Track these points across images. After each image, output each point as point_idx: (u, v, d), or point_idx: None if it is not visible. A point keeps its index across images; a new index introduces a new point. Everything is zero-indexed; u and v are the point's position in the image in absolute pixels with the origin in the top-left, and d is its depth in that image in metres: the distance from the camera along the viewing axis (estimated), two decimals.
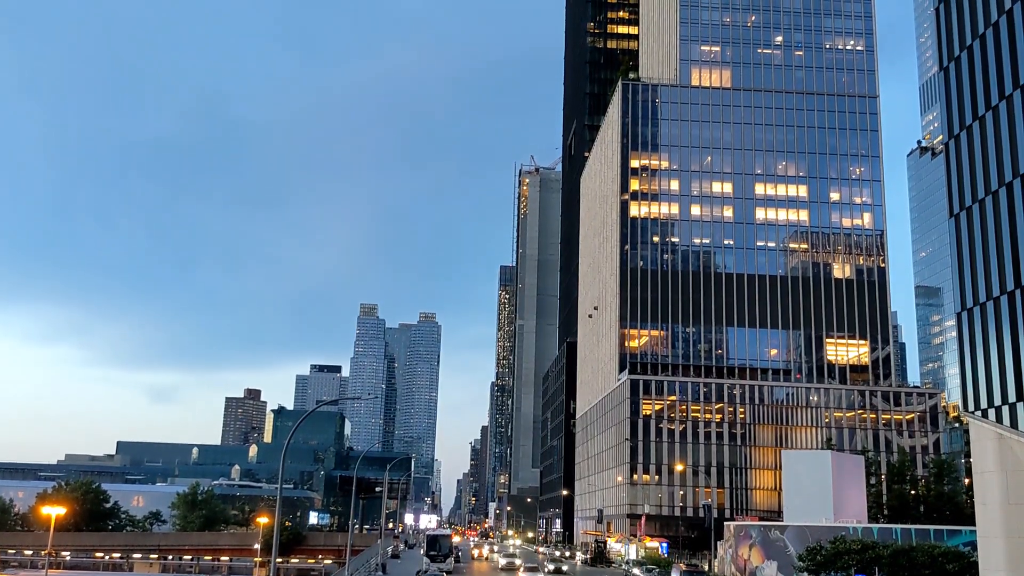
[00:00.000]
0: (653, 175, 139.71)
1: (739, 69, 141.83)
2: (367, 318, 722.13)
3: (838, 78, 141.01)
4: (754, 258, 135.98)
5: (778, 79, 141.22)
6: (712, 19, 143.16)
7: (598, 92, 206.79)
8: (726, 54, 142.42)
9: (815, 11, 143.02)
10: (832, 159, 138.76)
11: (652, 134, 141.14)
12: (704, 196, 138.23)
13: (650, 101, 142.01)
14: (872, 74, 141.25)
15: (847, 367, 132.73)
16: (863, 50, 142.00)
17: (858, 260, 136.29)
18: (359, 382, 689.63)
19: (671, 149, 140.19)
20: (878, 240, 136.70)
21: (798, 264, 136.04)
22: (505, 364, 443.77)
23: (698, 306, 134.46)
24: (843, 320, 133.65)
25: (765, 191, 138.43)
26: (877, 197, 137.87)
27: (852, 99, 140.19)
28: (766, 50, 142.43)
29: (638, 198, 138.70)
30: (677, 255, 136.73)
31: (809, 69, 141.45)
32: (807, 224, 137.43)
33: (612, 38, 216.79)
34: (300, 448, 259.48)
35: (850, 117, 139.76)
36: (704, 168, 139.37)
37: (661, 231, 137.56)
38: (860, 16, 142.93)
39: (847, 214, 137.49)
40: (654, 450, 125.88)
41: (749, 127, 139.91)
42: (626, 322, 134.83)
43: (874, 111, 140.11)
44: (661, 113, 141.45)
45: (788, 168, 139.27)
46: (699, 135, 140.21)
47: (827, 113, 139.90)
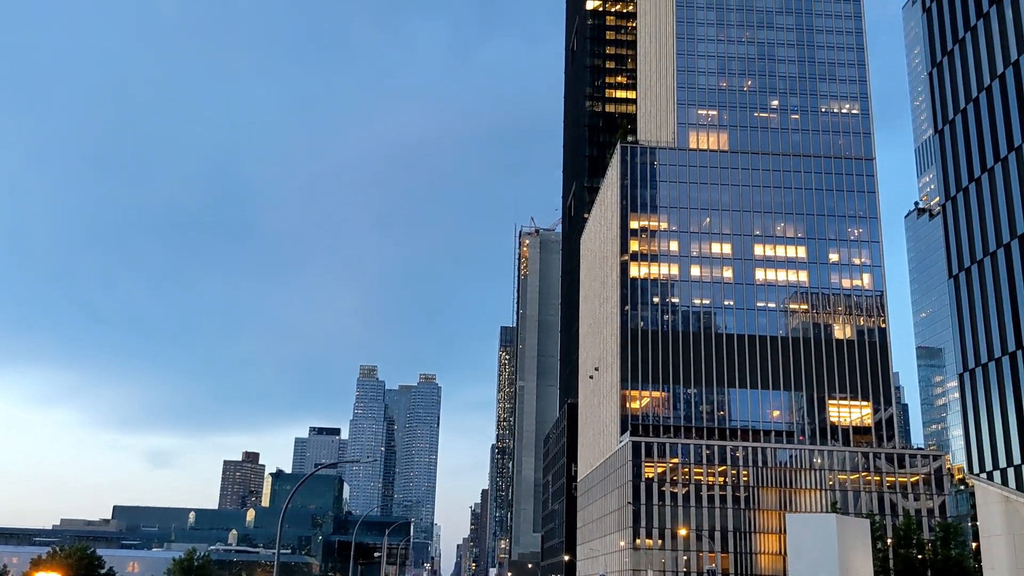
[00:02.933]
0: (653, 236, 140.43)
1: (736, 132, 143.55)
2: (367, 379, 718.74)
3: (834, 141, 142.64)
4: (755, 319, 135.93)
5: (775, 142, 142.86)
6: (708, 84, 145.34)
7: (597, 155, 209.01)
8: (723, 118, 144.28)
9: (810, 76, 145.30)
10: (830, 220, 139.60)
11: (651, 196, 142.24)
12: (704, 257, 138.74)
13: (648, 163, 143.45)
14: (868, 137, 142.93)
15: (850, 429, 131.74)
16: (858, 114, 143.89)
17: (859, 321, 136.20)
18: (358, 445, 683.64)
19: (670, 210, 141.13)
20: (878, 301, 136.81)
21: (799, 325, 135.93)
22: (506, 426, 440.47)
23: (699, 367, 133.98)
24: (845, 381, 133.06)
25: (764, 252, 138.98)
26: (876, 258, 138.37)
27: (849, 161, 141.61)
28: (762, 114, 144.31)
29: (638, 259, 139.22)
30: (678, 316, 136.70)
31: (805, 132, 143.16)
32: (807, 285, 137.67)
33: (610, 102, 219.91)
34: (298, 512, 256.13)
35: (847, 179, 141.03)
36: (703, 229, 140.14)
37: (661, 292, 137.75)
38: (855, 80, 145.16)
39: (847, 275, 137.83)
40: (657, 514, 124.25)
41: (747, 189, 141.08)
42: (627, 383, 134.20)
43: (871, 173, 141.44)
44: (660, 175, 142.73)
45: (787, 229, 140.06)
46: (698, 197, 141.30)
47: (824, 175, 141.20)
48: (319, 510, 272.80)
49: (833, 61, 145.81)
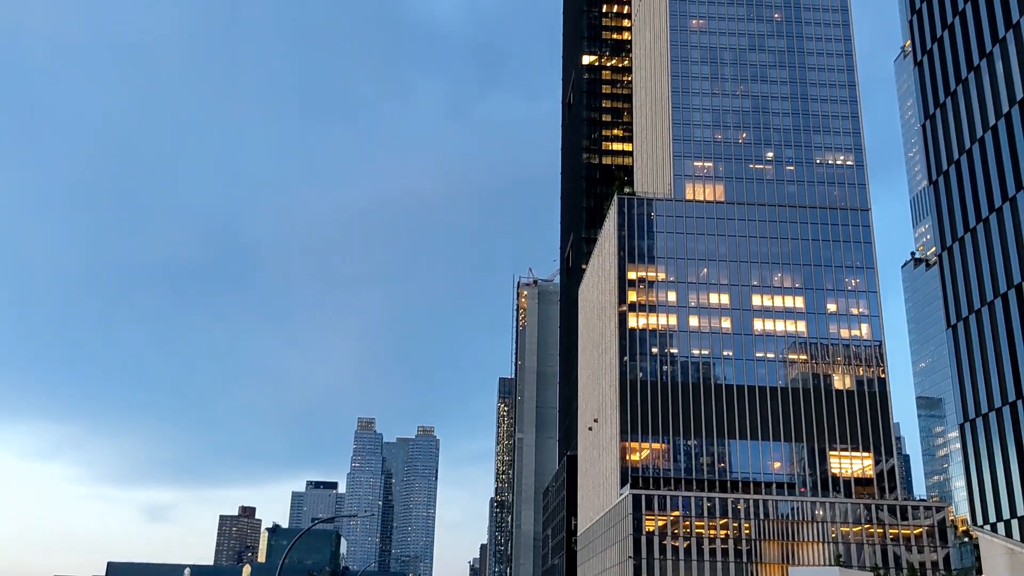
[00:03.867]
0: (650, 287, 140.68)
1: (732, 183, 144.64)
2: (364, 432, 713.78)
3: (830, 192, 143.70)
4: (754, 369, 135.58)
5: (770, 193, 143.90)
6: (704, 136, 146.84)
7: (594, 206, 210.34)
8: (719, 169, 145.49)
9: (804, 128, 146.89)
10: (828, 271, 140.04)
11: (648, 246, 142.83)
12: (702, 307, 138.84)
13: (645, 214, 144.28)
14: (863, 188, 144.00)
15: (851, 480, 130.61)
16: (853, 165, 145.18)
17: (858, 371, 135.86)
18: (355, 499, 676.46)
19: (668, 261, 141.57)
20: (877, 351, 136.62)
21: (798, 375, 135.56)
22: (504, 479, 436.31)
23: (699, 418, 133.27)
24: (845, 432, 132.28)
25: (762, 302, 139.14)
26: (874, 308, 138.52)
27: (845, 212, 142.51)
28: (758, 165, 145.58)
29: (636, 309, 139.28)
30: (677, 366, 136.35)
31: (801, 183, 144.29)
32: (805, 335, 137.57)
33: (607, 154, 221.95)
34: (295, 568, 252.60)
35: (843, 230, 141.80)
36: (701, 280, 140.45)
37: (660, 342, 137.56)
38: (849, 132, 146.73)
39: (845, 325, 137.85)
40: (658, 568, 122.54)
41: (744, 239, 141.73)
42: (627, 435, 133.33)
43: (866, 224, 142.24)
44: (657, 226, 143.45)
45: (784, 280, 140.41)
46: (695, 247, 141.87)
47: (820, 226, 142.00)
48: (316, 565, 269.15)
49: (827, 113, 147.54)
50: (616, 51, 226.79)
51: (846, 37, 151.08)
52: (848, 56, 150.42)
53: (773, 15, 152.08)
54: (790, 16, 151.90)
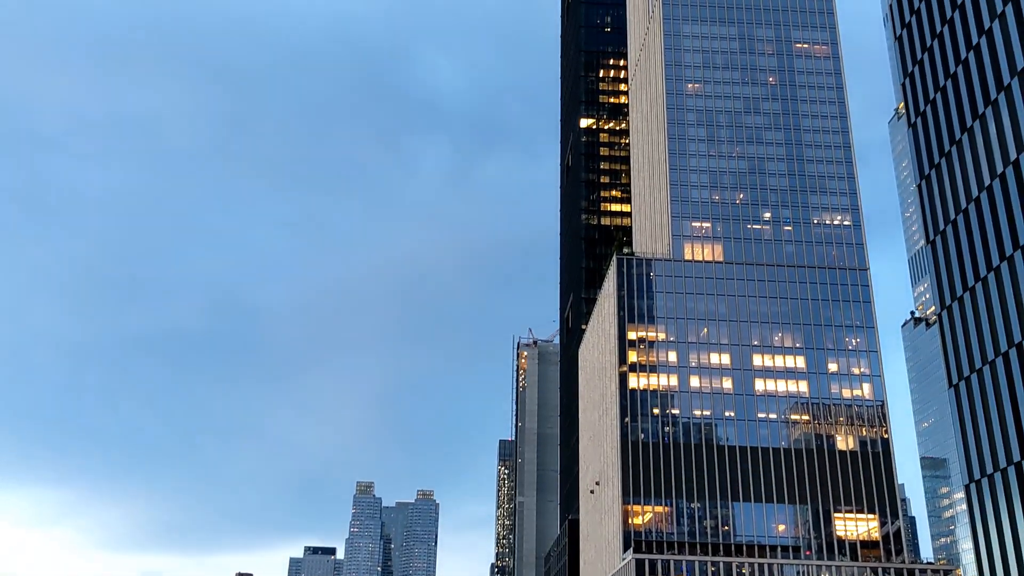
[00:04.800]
0: (651, 347, 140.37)
1: (730, 243, 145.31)
2: (363, 496, 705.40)
3: (828, 252, 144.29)
4: (756, 430, 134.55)
5: (769, 253, 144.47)
6: (701, 197, 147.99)
7: (593, 267, 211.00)
8: (717, 229, 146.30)
9: (801, 189, 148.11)
10: (828, 330, 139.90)
11: (648, 306, 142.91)
12: (703, 368, 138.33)
13: (645, 275, 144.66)
14: (861, 247, 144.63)
15: (857, 543, 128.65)
16: (851, 225, 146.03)
17: (861, 432, 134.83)
18: (354, 565, 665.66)
19: (667, 321, 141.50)
20: (879, 411, 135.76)
21: (801, 436, 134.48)
22: (505, 544, 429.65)
23: (702, 480, 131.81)
24: (850, 494, 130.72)
25: (763, 362, 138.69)
26: (875, 368, 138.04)
27: (843, 272, 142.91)
28: (755, 225, 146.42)
29: (636, 370, 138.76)
30: (678, 427, 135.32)
31: (799, 243, 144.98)
32: (807, 395, 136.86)
33: (606, 215, 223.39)
34: None
35: (842, 289, 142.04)
36: (701, 339, 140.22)
37: (661, 403, 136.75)
38: (845, 193, 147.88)
39: (846, 385, 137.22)
40: None
41: (744, 299, 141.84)
42: (628, 498, 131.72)
43: (865, 283, 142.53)
44: (656, 286, 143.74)
45: (785, 339, 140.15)
46: (695, 307, 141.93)
47: (820, 285, 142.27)
48: None
49: (823, 174, 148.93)
50: (613, 114, 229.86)
51: (840, 100, 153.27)
52: (842, 118, 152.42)
53: (767, 79, 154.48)
54: (784, 80, 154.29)
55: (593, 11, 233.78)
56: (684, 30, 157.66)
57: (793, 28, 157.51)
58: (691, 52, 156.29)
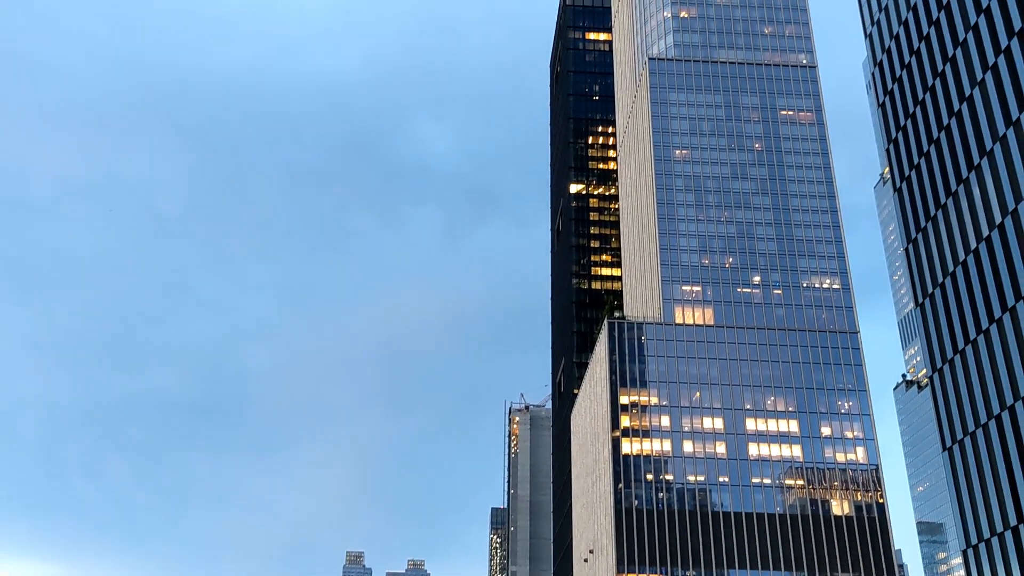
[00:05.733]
0: (643, 411, 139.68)
1: (721, 307, 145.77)
2: (353, 566, 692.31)
3: (818, 315, 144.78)
4: (751, 495, 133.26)
5: (759, 317, 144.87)
6: (691, 261, 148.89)
7: (585, 331, 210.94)
8: (707, 293, 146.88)
9: (789, 252, 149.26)
10: (820, 394, 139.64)
11: (640, 371, 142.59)
12: (696, 432, 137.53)
13: (636, 338, 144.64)
14: (851, 311, 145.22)
15: None
16: (840, 288, 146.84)
17: (856, 496, 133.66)
18: None
19: (660, 385, 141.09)
20: (874, 475, 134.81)
21: (795, 501, 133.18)
22: None
23: (697, 547, 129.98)
24: (846, 560, 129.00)
25: (756, 426, 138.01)
26: (868, 432, 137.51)
27: (834, 335, 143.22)
28: (745, 289, 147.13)
29: (629, 435, 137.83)
30: (672, 493, 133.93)
31: (789, 307, 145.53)
32: (801, 460, 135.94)
33: (596, 279, 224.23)
34: None
35: (833, 352, 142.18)
36: (694, 404, 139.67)
37: (655, 469, 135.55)
38: (833, 257, 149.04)
39: (840, 449, 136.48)
40: None
41: (735, 363, 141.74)
42: (623, 566, 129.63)
43: (856, 346, 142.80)
44: (647, 350, 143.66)
45: (777, 403, 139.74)
46: (686, 371, 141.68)
47: (811, 349, 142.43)
48: None
49: (811, 238, 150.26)
50: (603, 180, 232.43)
51: (825, 165, 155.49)
52: (828, 183, 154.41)
53: (754, 145, 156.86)
54: (770, 146, 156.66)
55: (581, 79, 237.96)
56: (671, 98, 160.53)
57: (778, 96, 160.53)
58: (678, 119, 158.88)
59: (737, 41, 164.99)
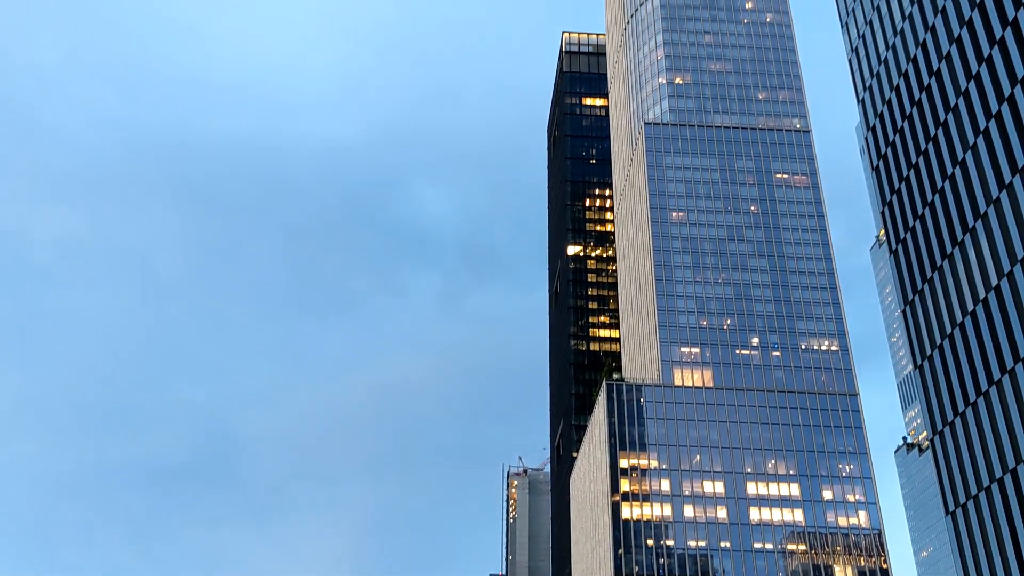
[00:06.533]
0: (643, 475, 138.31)
1: (720, 369, 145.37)
2: None
3: (817, 377, 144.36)
4: (752, 561, 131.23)
5: (758, 379, 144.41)
6: (689, 322, 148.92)
7: (583, 393, 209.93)
8: (705, 355, 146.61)
9: (787, 314, 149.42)
10: (821, 457, 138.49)
11: (639, 433, 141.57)
12: (696, 496, 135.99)
13: (635, 400, 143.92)
14: (850, 372, 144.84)
15: None
16: (838, 350, 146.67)
17: (859, 561, 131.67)
18: None
19: (659, 448, 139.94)
20: (876, 540, 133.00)
21: (798, 567, 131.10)
22: None
23: None
24: None
25: (757, 490, 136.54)
26: (870, 495, 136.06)
27: (833, 397, 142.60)
28: (744, 351, 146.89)
29: (629, 499, 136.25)
30: (673, 559, 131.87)
31: (788, 369, 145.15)
32: (803, 524, 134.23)
33: (595, 341, 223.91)
34: None
35: (833, 415, 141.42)
36: (694, 467, 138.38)
37: (655, 534, 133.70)
38: (831, 319, 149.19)
39: (842, 513, 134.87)
40: None
41: (735, 425, 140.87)
42: None
43: (856, 408, 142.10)
44: (647, 412, 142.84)
45: (778, 467, 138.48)
46: (686, 434, 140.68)
47: (810, 411, 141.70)
48: None
49: (808, 300, 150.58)
50: (600, 242, 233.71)
51: (821, 228, 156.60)
52: (825, 245, 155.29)
53: (750, 208, 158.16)
54: (766, 209, 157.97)
55: (578, 143, 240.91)
56: (666, 161, 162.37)
57: (773, 159, 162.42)
58: (674, 182, 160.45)
59: (731, 106, 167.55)
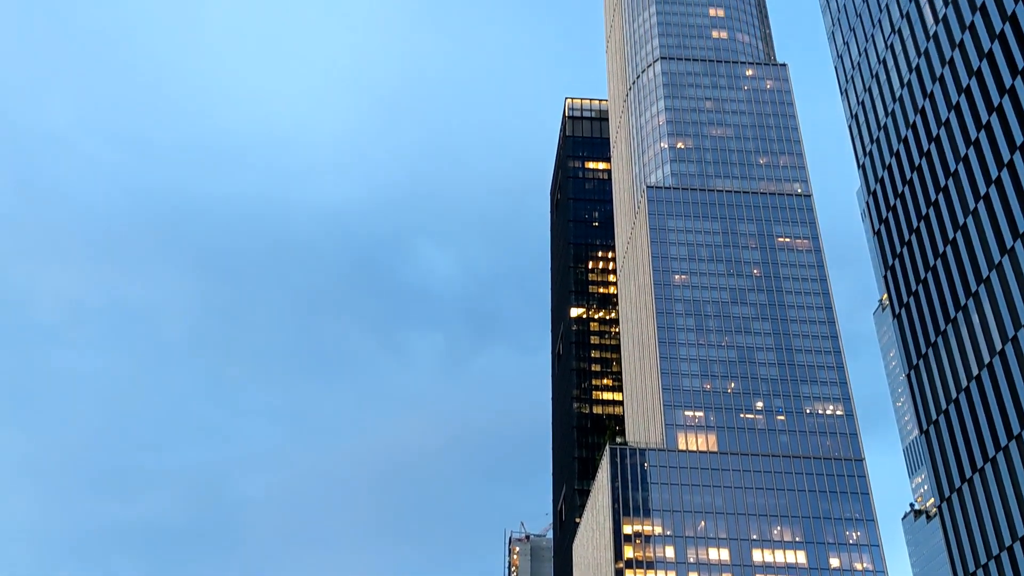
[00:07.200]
0: (647, 541, 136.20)
1: (724, 433, 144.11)
2: None
3: (822, 442, 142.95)
4: None
5: (763, 443, 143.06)
6: (693, 386, 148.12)
7: (586, 456, 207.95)
8: (709, 419, 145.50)
9: (791, 378, 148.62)
10: (827, 523, 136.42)
11: (643, 499, 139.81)
12: (701, 563, 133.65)
13: (639, 465, 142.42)
14: (855, 437, 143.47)
15: None
16: (843, 415, 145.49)
17: None
18: None
19: (663, 514, 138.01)
20: None
21: None
22: None
23: None
24: None
25: (763, 558, 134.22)
26: (878, 563, 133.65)
27: (839, 463, 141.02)
28: (748, 415, 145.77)
29: (633, 566, 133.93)
30: None
31: (792, 433, 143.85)
32: None
33: (598, 404, 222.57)
34: None
35: (839, 480, 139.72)
36: (699, 534, 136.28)
37: None
38: (836, 383, 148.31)
39: None
40: None
41: (740, 491, 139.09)
42: None
43: (862, 474, 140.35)
44: (651, 477, 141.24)
45: (784, 533, 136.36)
46: (690, 500, 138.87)
47: (816, 476, 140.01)
48: None
49: (812, 364, 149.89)
50: (603, 304, 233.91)
51: (824, 291, 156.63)
52: (828, 309, 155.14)
53: (752, 271, 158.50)
54: (768, 272, 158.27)
55: (581, 206, 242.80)
56: (669, 224, 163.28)
57: (774, 223, 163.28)
58: (676, 245, 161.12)
59: (732, 171, 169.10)
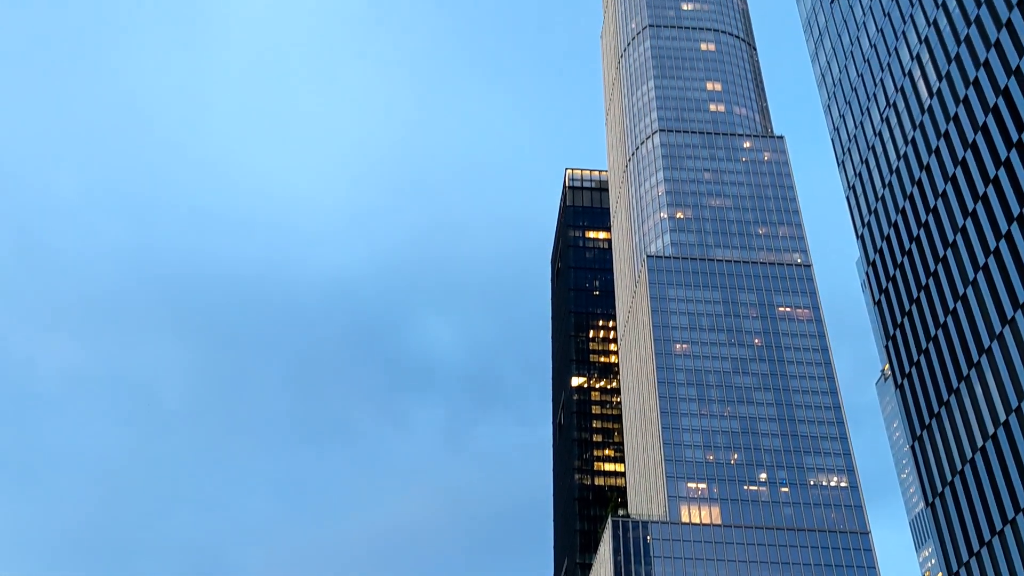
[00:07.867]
0: None
1: (727, 505, 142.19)
2: None
3: (827, 514, 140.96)
4: None
5: (767, 516, 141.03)
6: (695, 457, 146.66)
7: (588, 529, 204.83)
8: (713, 491, 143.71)
9: (795, 449, 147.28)
10: None
11: (646, 572, 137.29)
12: None
13: (641, 538, 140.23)
14: (860, 509, 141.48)
15: None
16: (847, 487, 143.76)
17: None
18: None
19: None
20: None
21: None
22: None
23: None
24: None
25: None
26: None
27: (844, 536, 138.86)
28: (751, 487, 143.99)
29: None
30: None
31: (796, 506, 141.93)
32: None
33: (599, 475, 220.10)
34: None
35: (844, 554, 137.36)
36: None
37: None
38: (839, 454, 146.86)
39: None
40: None
41: (744, 564, 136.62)
42: None
43: (867, 547, 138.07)
44: (654, 550, 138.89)
45: None
46: (694, 573, 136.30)
47: (821, 550, 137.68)
48: None
49: (815, 435, 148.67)
50: (604, 373, 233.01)
51: (826, 361, 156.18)
52: (830, 379, 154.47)
53: (753, 340, 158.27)
54: (770, 342, 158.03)
55: (582, 275, 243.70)
56: (669, 294, 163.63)
57: (775, 293, 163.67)
58: (677, 314, 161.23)
59: (732, 241, 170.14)
